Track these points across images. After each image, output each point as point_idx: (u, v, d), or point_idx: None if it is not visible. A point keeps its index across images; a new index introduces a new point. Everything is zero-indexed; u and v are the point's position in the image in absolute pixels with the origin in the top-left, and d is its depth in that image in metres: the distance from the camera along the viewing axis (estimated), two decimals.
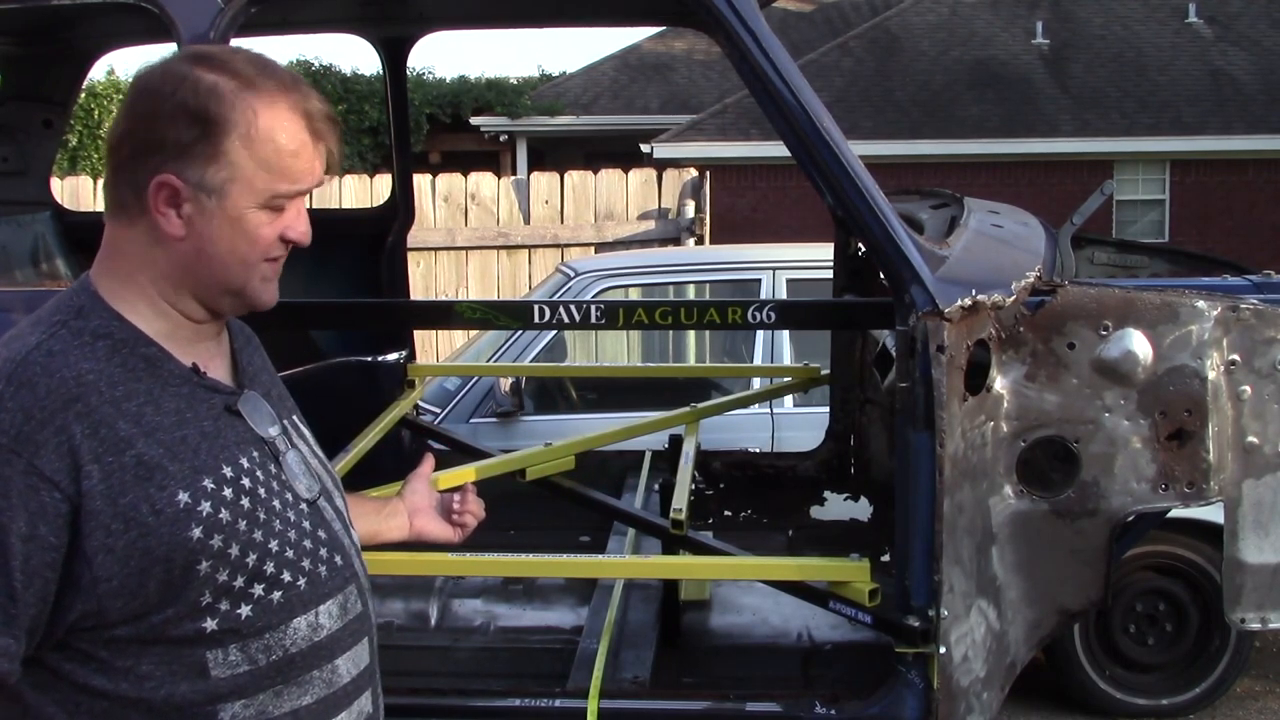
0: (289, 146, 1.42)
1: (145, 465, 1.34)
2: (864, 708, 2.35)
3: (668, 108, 19.83)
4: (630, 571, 2.88)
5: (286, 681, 1.44)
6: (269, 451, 1.48)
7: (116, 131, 1.41)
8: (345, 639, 1.51)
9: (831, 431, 3.82)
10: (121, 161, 1.41)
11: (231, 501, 1.39)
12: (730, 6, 2.31)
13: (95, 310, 1.41)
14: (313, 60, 19.37)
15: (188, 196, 1.39)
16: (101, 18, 3.30)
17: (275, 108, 1.41)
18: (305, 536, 1.47)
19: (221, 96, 1.39)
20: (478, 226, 8.89)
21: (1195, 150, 16.14)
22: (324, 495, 1.55)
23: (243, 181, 1.41)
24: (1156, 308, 2.37)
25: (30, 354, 1.35)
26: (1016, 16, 18.47)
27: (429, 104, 19.07)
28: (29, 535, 1.30)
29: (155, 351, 1.42)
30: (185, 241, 1.41)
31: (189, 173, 1.39)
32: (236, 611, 1.40)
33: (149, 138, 1.39)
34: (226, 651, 1.39)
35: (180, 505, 1.35)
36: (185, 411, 1.40)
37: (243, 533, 1.39)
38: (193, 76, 1.39)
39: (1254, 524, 2.44)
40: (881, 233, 2.31)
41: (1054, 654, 4.45)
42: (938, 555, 2.24)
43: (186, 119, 1.38)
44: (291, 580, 1.44)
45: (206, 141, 1.38)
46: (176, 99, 1.38)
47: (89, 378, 1.35)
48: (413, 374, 3.83)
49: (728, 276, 5.51)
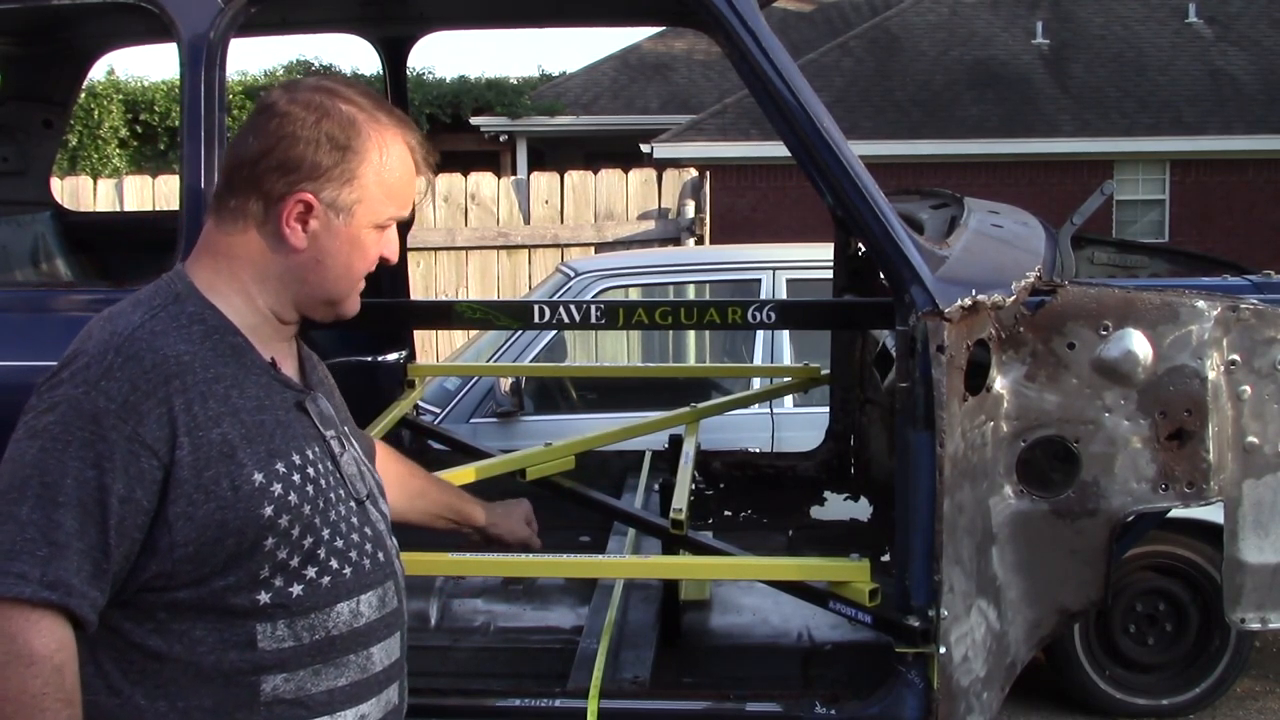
0: (405, 176, 1.62)
1: (229, 444, 1.47)
2: (864, 708, 2.34)
3: (668, 108, 19.83)
4: (630, 571, 2.88)
5: (325, 661, 1.55)
6: (328, 449, 1.61)
7: (251, 148, 1.55)
8: (381, 629, 1.62)
9: (831, 431, 3.82)
10: (254, 175, 1.54)
11: (299, 486, 1.52)
12: (730, 6, 2.31)
13: (191, 297, 1.55)
14: (313, 60, 19.41)
15: (319, 214, 1.56)
16: (101, 18, 3.29)
17: (397, 142, 1.60)
18: (354, 530, 1.60)
19: (359, 129, 1.57)
20: (478, 226, 8.89)
21: (1195, 150, 16.15)
22: (370, 498, 1.68)
23: (368, 204, 1.58)
24: (1156, 308, 2.37)
25: (137, 331, 1.49)
26: (1016, 16, 18.48)
27: (429, 104, 19.08)
28: (126, 497, 1.42)
29: (241, 341, 1.55)
30: (305, 253, 1.57)
31: (325, 193, 1.55)
32: (289, 589, 1.52)
33: (289, 157, 1.54)
34: (275, 625, 1.51)
35: (256, 484, 1.48)
36: (264, 399, 1.54)
37: (306, 516, 1.52)
38: (334, 108, 1.56)
39: (1254, 524, 2.44)
40: (881, 233, 2.31)
41: (1054, 654, 4.45)
42: (938, 555, 2.24)
43: (329, 145, 1.55)
44: (339, 568, 1.56)
45: (344, 167, 1.56)
46: (321, 127, 1.54)
47: (185, 358, 1.48)
48: (413, 374, 3.83)
49: (728, 276, 5.51)
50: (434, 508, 2.24)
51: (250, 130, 1.57)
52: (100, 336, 1.50)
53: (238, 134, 1.60)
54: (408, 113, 4.15)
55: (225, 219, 1.58)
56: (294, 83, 1.62)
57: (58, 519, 1.41)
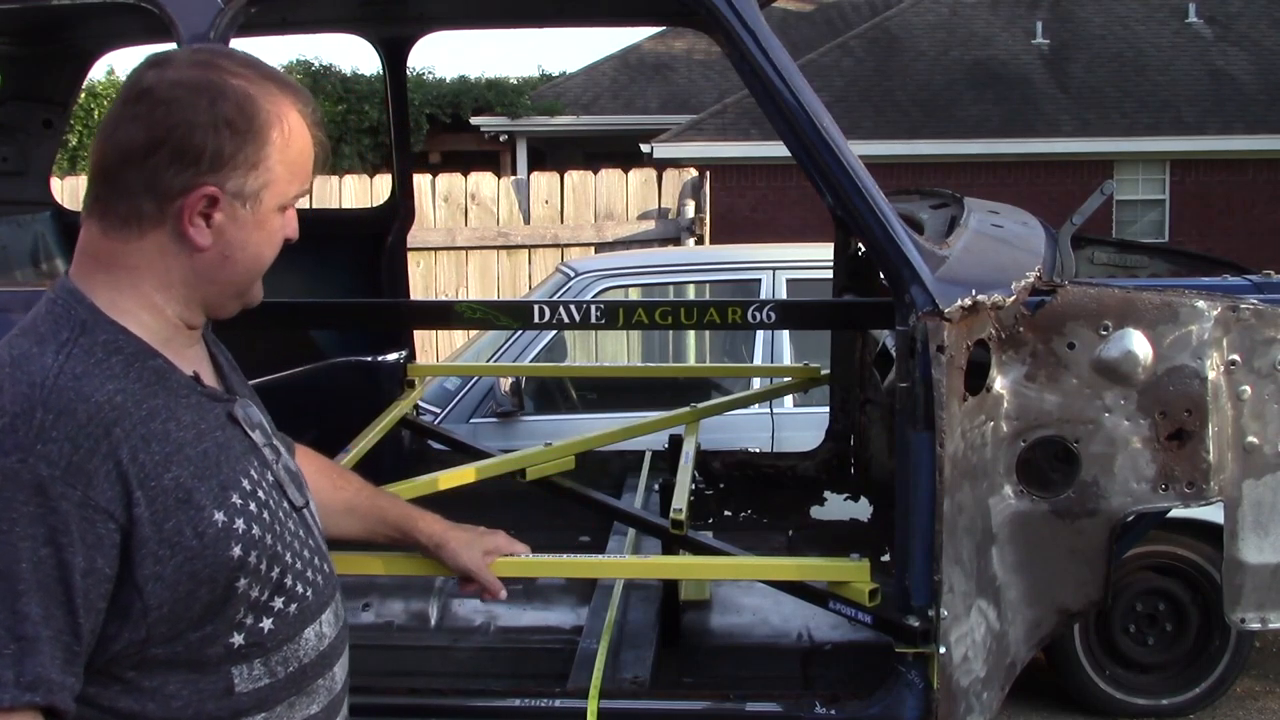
0: (306, 149, 1.44)
1: (183, 488, 1.32)
2: (864, 708, 2.34)
3: (668, 108, 19.83)
4: (630, 571, 2.88)
5: (299, 692, 1.45)
6: (263, 459, 1.46)
7: (136, 141, 1.35)
8: (339, 645, 1.54)
9: (831, 431, 3.82)
10: (145, 173, 1.35)
11: (256, 515, 1.38)
12: (730, 6, 2.30)
13: (99, 323, 1.35)
14: (313, 60, 19.41)
15: (223, 206, 1.38)
16: (101, 18, 3.30)
17: (292, 112, 1.42)
18: (304, 546, 1.47)
19: (257, 105, 1.38)
20: (478, 226, 8.89)
21: (1195, 150, 16.16)
22: (306, 504, 1.54)
23: (274, 186, 1.41)
24: (1156, 308, 2.37)
25: (59, 378, 1.29)
26: (1016, 16, 18.48)
27: (429, 104, 19.08)
28: (88, 570, 1.26)
29: (161, 363, 1.38)
30: (210, 251, 1.39)
31: (230, 183, 1.37)
32: (260, 625, 1.39)
33: (186, 149, 1.35)
34: (251, 666, 1.39)
35: (220, 525, 1.34)
36: (199, 424, 1.38)
37: (270, 545, 1.39)
38: (228, 86, 1.37)
39: (1254, 524, 2.44)
40: (881, 233, 2.31)
41: (1054, 654, 4.45)
42: (938, 555, 2.24)
43: (228, 130, 1.36)
44: (303, 591, 1.45)
45: (247, 151, 1.37)
46: (217, 110, 1.35)
47: (118, 399, 1.30)
48: (413, 374, 3.83)
49: (728, 276, 5.51)
50: (367, 523, 2.02)
51: (128, 120, 1.36)
52: (16, 390, 1.28)
53: (109, 125, 1.38)
54: (408, 113, 4.17)
55: (114, 225, 1.38)
56: (165, 59, 1.41)
57: (20, 610, 1.23)
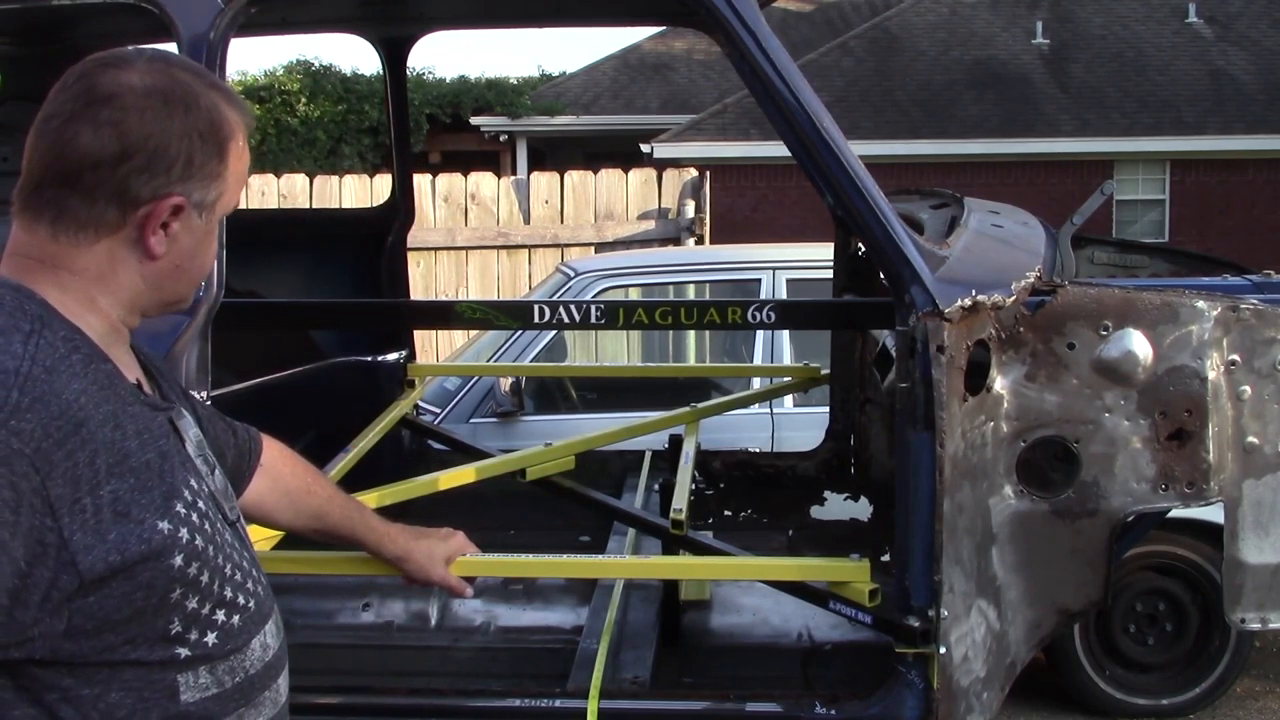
0: (248, 160, 1.44)
1: (120, 500, 1.26)
2: (864, 708, 2.34)
3: (668, 108, 19.84)
4: (630, 571, 2.88)
5: (246, 703, 1.42)
6: (198, 472, 1.42)
7: (106, 147, 1.31)
8: (282, 657, 1.51)
9: (831, 431, 3.82)
10: (115, 179, 1.31)
11: (198, 526, 1.34)
12: (730, 6, 2.30)
13: (53, 319, 1.31)
14: (313, 60, 19.40)
15: (184, 216, 1.36)
16: (101, 18, 3.29)
17: (239, 120, 1.40)
18: (242, 558, 1.43)
19: (224, 117, 1.37)
20: (478, 226, 8.89)
21: (1195, 150, 16.16)
22: (238, 518, 1.51)
23: (226, 196, 1.40)
24: (1156, 308, 2.37)
25: (32, 368, 1.25)
26: (1016, 16, 18.48)
27: (429, 104, 19.08)
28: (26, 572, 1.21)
29: (111, 368, 1.33)
30: (163, 259, 1.37)
31: (195, 193, 1.36)
32: (204, 639, 1.35)
33: (159, 158, 1.32)
34: (197, 674, 1.35)
35: (165, 533, 1.29)
36: (143, 432, 1.32)
37: (211, 558, 1.35)
38: (197, 96, 1.35)
39: (1254, 524, 2.44)
40: (881, 233, 2.31)
41: (1054, 654, 4.45)
42: (938, 555, 2.24)
43: (199, 140, 1.35)
44: (244, 603, 1.41)
45: (213, 163, 1.36)
46: (190, 120, 1.34)
47: (83, 399, 1.26)
48: (413, 374, 3.83)
49: (728, 276, 5.51)
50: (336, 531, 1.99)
51: (92, 125, 1.31)
52: None
53: (63, 127, 1.32)
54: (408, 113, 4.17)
55: (67, 228, 1.33)
56: (116, 61, 1.35)
57: None
